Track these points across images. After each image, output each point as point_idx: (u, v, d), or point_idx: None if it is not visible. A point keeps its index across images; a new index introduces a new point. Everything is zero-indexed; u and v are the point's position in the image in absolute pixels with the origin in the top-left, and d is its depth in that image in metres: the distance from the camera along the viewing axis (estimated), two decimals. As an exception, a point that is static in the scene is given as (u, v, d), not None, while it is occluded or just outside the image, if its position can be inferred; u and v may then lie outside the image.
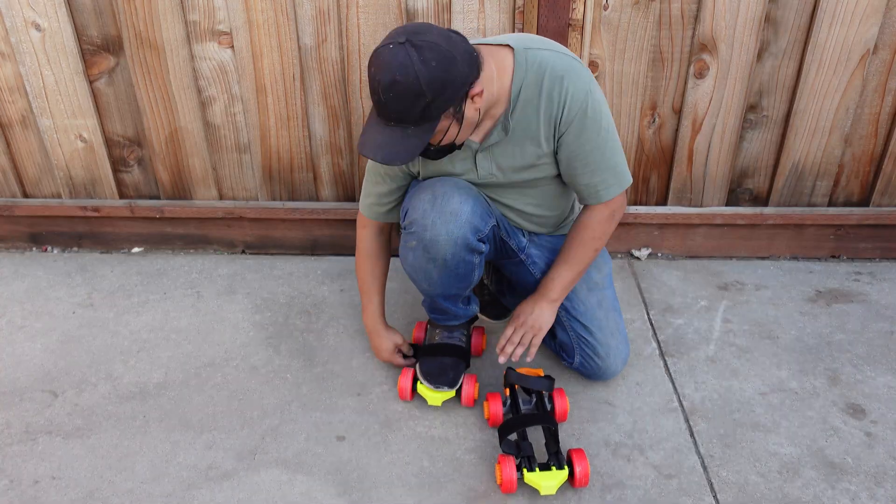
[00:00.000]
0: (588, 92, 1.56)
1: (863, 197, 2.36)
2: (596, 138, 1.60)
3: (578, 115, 1.56)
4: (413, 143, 1.44)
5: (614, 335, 1.85)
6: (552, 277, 1.77)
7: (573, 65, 1.57)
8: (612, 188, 1.67)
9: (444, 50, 1.39)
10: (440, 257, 1.64)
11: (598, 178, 1.65)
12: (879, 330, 2.12)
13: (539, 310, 1.78)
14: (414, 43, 1.38)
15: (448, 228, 1.61)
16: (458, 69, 1.41)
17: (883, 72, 2.14)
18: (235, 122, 2.29)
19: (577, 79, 1.56)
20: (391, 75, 1.37)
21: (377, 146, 1.46)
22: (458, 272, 1.69)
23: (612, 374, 1.88)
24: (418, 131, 1.44)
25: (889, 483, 1.65)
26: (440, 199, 1.62)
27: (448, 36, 1.42)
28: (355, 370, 1.99)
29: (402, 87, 1.37)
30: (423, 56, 1.37)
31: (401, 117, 1.42)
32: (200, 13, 2.12)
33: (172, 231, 2.51)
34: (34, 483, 1.68)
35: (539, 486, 1.57)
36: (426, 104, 1.39)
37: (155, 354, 2.06)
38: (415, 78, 1.36)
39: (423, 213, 1.62)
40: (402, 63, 1.37)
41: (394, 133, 1.44)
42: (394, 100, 1.39)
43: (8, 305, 2.28)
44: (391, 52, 1.38)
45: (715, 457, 1.72)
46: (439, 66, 1.38)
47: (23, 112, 2.32)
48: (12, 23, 2.15)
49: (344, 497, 1.63)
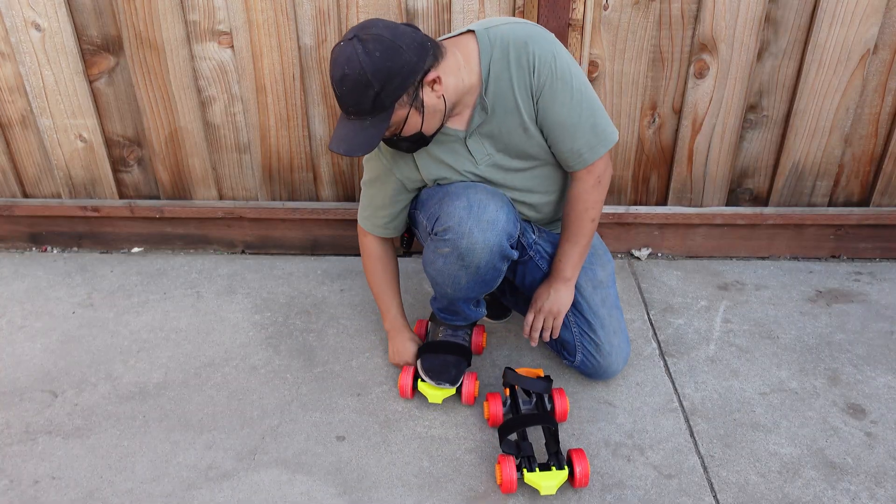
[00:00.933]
0: (554, 53, 1.58)
1: (863, 197, 2.36)
2: (570, 100, 1.61)
3: (549, 77, 1.59)
4: (370, 133, 1.51)
5: (617, 334, 1.86)
6: (560, 258, 1.80)
7: (535, 30, 1.61)
8: (596, 149, 1.67)
9: (388, 41, 1.46)
10: (474, 265, 1.64)
11: (580, 141, 1.66)
12: (879, 330, 2.12)
13: (556, 292, 1.81)
14: (360, 37, 1.46)
15: (486, 237, 1.61)
16: (404, 58, 1.46)
17: (883, 72, 2.14)
18: (235, 122, 2.29)
19: (541, 41, 1.59)
20: (340, 70, 1.46)
21: (340, 139, 1.53)
22: (486, 279, 1.70)
23: (613, 374, 1.88)
24: (375, 122, 1.51)
25: (889, 483, 1.65)
26: (476, 206, 1.61)
27: (395, 28, 1.49)
28: (355, 370, 1.99)
29: (351, 80, 1.45)
30: (367, 48, 1.45)
31: (356, 109, 1.50)
32: (200, 13, 2.12)
33: (172, 231, 2.51)
34: (34, 483, 1.68)
35: (539, 486, 1.57)
36: (375, 94, 1.46)
37: (155, 354, 2.06)
38: (360, 69, 1.44)
39: (459, 221, 1.61)
40: (349, 57, 1.45)
41: (354, 125, 1.52)
42: (347, 93, 1.47)
43: (8, 305, 2.28)
44: (341, 48, 1.47)
45: (715, 457, 1.72)
46: (383, 56, 1.45)
47: (23, 112, 2.32)
48: (12, 23, 2.15)
49: (344, 497, 1.63)
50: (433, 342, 1.90)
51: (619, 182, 2.34)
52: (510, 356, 2.03)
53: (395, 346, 1.94)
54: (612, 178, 2.32)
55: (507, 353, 2.05)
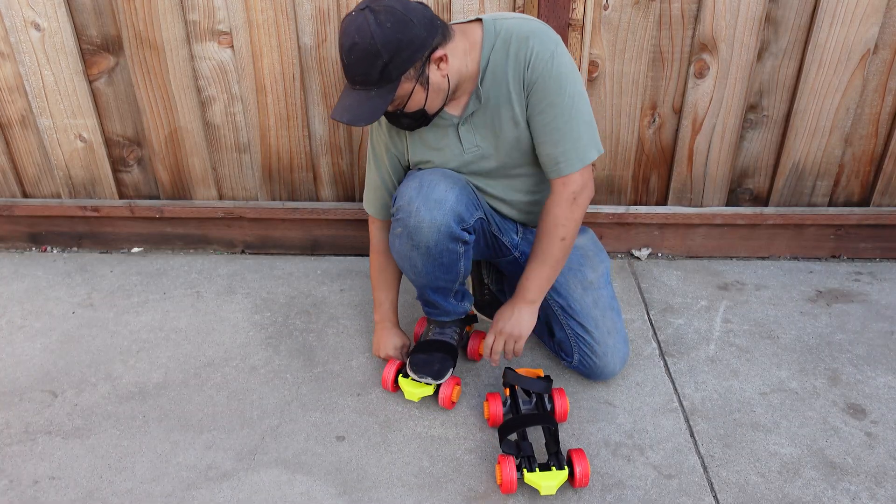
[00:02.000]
0: (553, 52, 1.58)
1: (863, 197, 2.36)
2: (560, 102, 1.60)
3: (543, 74, 1.58)
4: (375, 103, 1.51)
5: (612, 334, 1.85)
6: (527, 276, 1.73)
7: (540, 27, 1.60)
8: (572, 161, 1.63)
9: (400, 13, 1.46)
10: (423, 244, 1.66)
11: (560, 148, 1.63)
12: (879, 330, 2.12)
13: (517, 313, 1.75)
14: (372, 8, 1.46)
15: (432, 215, 1.63)
16: (414, 31, 1.47)
17: (883, 72, 2.14)
18: (235, 121, 2.29)
19: (544, 38, 1.58)
20: (350, 38, 1.46)
21: (343, 109, 1.53)
22: (441, 261, 1.71)
23: (611, 374, 1.88)
24: (381, 92, 1.50)
25: (889, 483, 1.65)
26: (426, 186, 1.65)
27: (406, 2, 1.49)
28: (355, 370, 1.99)
29: (360, 49, 1.45)
30: (379, 19, 1.44)
31: (363, 79, 1.49)
32: (200, 13, 2.12)
33: (172, 231, 2.51)
34: (34, 483, 1.68)
35: (539, 486, 1.57)
36: (384, 64, 1.46)
37: (155, 354, 2.06)
38: (370, 39, 1.44)
39: (408, 200, 1.65)
40: (359, 26, 1.45)
41: (359, 95, 1.51)
42: (355, 62, 1.47)
43: (8, 305, 2.28)
44: (352, 18, 1.47)
45: (715, 457, 1.72)
46: (394, 28, 1.45)
47: (22, 112, 2.32)
48: (12, 23, 2.15)
49: (344, 497, 1.63)
50: (422, 342, 1.92)
51: (619, 182, 2.34)
52: (510, 356, 2.03)
53: (378, 337, 1.96)
54: (613, 178, 2.32)
55: (507, 353, 2.05)
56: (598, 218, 2.37)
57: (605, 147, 2.27)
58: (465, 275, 1.81)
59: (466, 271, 1.80)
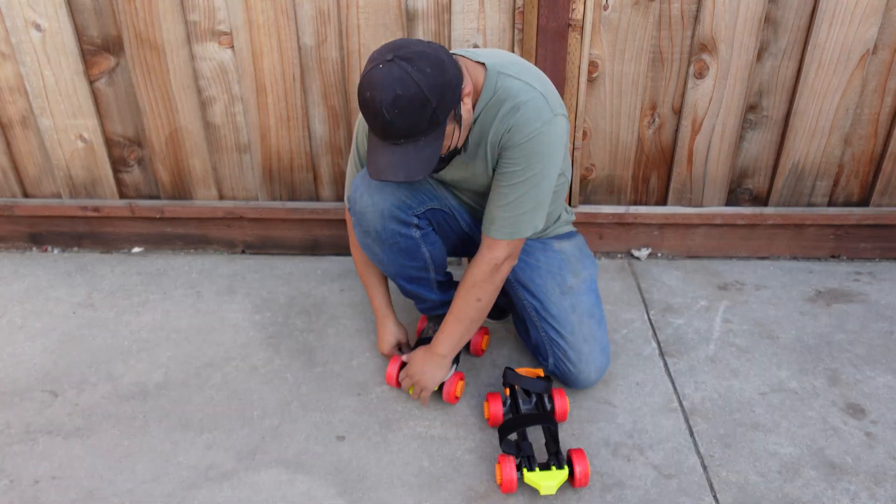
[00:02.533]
0: (537, 131, 1.55)
1: (863, 197, 2.37)
2: (521, 176, 1.59)
3: (516, 145, 1.56)
4: (428, 152, 1.44)
5: (588, 342, 1.83)
6: (441, 330, 1.78)
7: (536, 100, 1.55)
8: (505, 230, 1.64)
9: (432, 55, 1.41)
10: (372, 229, 1.71)
11: (501, 213, 1.63)
12: (879, 330, 2.12)
13: (430, 365, 1.78)
14: (402, 57, 1.39)
15: (374, 200, 1.67)
16: (451, 71, 1.44)
17: (883, 72, 2.14)
18: (235, 122, 2.29)
19: (534, 114, 1.54)
20: (392, 91, 1.37)
21: (394, 167, 1.44)
22: (399, 246, 1.74)
23: (587, 383, 1.85)
24: (430, 140, 1.44)
25: (889, 483, 1.65)
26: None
27: (428, 44, 1.45)
28: (355, 370, 2.00)
29: (406, 100, 1.38)
30: (417, 66, 1.38)
31: (410, 131, 1.42)
32: (200, 13, 2.12)
33: (172, 231, 2.51)
34: (34, 483, 1.68)
35: (539, 486, 1.57)
36: (433, 110, 1.40)
37: (155, 354, 2.06)
38: (416, 88, 1.37)
39: (355, 188, 1.72)
40: (399, 77, 1.37)
41: (406, 150, 1.44)
42: (400, 115, 1.39)
43: (8, 305, 2.28)
44: (383, 71, 1.38)
45: (715, 457, 1.72)
46: (434, 71, 1.40)
47: (23, 112, 2.32)
48: (13, 23, 2.16)
49: (344, 497, 1.63)
50: (421, 339, 1.95)
51: (618, 182, 2.34)
52: (510, 356, 2.03)
53: (379, 334, 1.97)
54: (612, 178, 2.32)
55: (507, 353, 2.05)
56: (598, 218, 2.37)
57: (606, 147, 2.27)
58: (437, 262, 1.83)
59: (436, 259, 1.82)
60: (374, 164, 1.47)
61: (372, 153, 1.48)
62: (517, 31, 2.10)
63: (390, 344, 1.94)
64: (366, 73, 1.41)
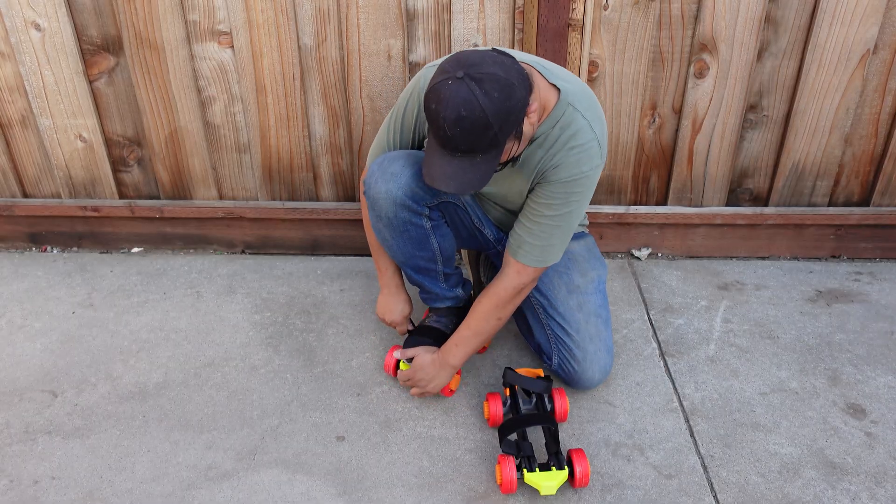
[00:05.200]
0: (582, 174, 1.59)
1: (863, 197, 2.36)
2: (556, 209, 1.63)
3: (558, 182, 1.60)
4: (483, 168, 1.47)
5: (593, 341, 1.83)
6: (456, 343, 1.79)
7: (593, 147, 1.59)
8: (530, 257, 1.68)
9: (503, 79, 1.40)
10: (384, 214, 1.73)
11: (530, 240, 1.67)
12: (879, 330, 2.12)
13: (437, 369, 1.81)
14: (472, 76, 1.39)
15: (388, 187, 1.69)
16: (518, 95, 1.43)
17: (883, 72, 2.14)
18: (235, 121, 2.29)
19: (585, 158, 1.58)
20: (456, 111, 1.38)
21: (448, 177, 1.47)
22: (409, 234, 1.76)
23: (591, 383, 1.85)
24: (487, 157, 1.46)
25: (889, 483, 1.65)
26: (386, 162, 1.72)
27: (501, 62, 1.43)
28: (355, 370, 1.99)
29: (469, 122, 1.39)
30: (485, 88, 1.38)
31: (469, 148, 1.43)
32: (200, 13, 2.12)
33: (172, 231, 2.51)
34: (34, 483, 1.68)
35: (539, 487, 1.57)
36: (494, 134, 1.41)
37: (155, 354, 2.06)
38: (481, 112, 1.38)
39: (370, 174, 1.73)
40: (466, 98, 1.38)
41: (462, 163, 1.46)
42: (461, 134, 1.40)
43: (8, 305, 2.28)
44: (452, 87, 1.39)
45: (715, 457, 1.72)
46: (501, 96, 1.39)
47: (23, 112, 2.32)
48: (12, 23, 2.15)
49: (344, 497, 1.63)
50: (418, 327, 1.96)
51: (619, 182, 2.34)
52: (510, 356, 2.03)
53: (383, 301, 1.96)
54: (613, 178, 2.32)
55: (507, 353, 2.05)
56: (598, 218, 2.37)
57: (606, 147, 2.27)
58: (446, 255, 1.84)
59: (445, 251, 1.83)
60: (429, 168, 1.49)
61: (429, 157, 1.50)
62: (517, 31, 2.10)
63: (402, 313, 1.94)
64: (434, 84, 1.42)
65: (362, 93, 2.21)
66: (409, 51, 2.14)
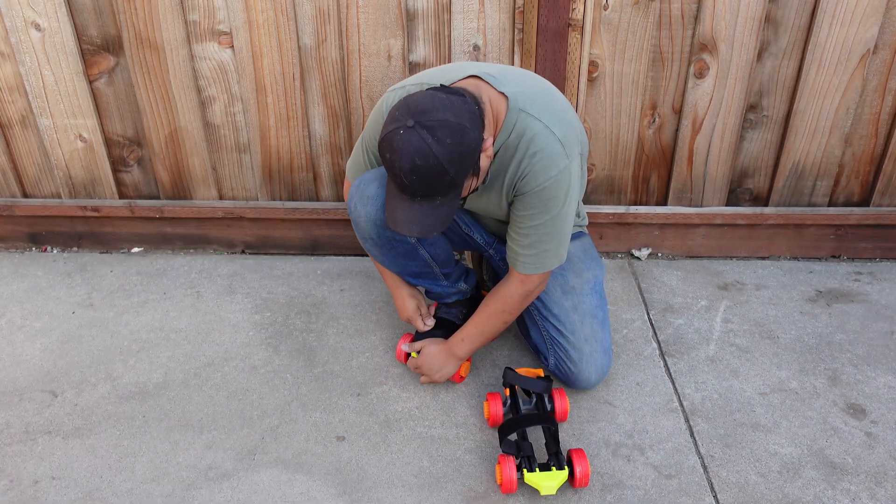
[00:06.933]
0: (552, 179, 1.56)
1: (863, 197, 2.36)
2: (539, 220, 1.62)
3: (531, 192, 1.58)
4: (444, 211, 1.47)
5: (589, 342, 1.83)
6: (463, 337, 1.84)
7: (554, 148, 1.55)
8: (529, 267, 1.69)
9: (454, 124, 1.39)
10: (367, 236, 1.77)
11: (523, 251, 1.67)
12: (879, 330, 2.12)
13: (448, 364, 1.85)
14: (423, 124, 1.38)
15: (367, 210, 1.72)
16: (471, 137, 1.42)
17: (883, 72, 2.14)
18: (235, 121, 2.29)
19: (549, 162, 1.55)
20: (410, 161, 1.38)
21: (410, 222, 1.47)
22: (397, 251, 1.79)
23: (587, 383, 1.85)
24: (446, 199, 1.47)
25: (889, 483, 1.65)
26: (363, 184, 1.74)
27: (451, 104, 1.42)
28: (355, 370, 1.99)
29: (425, 170, 1.39)
30: (437, 136, 1.38)
31: (427, 193, 1.44)
32: (200, 13, 2.12)
33: (172, 231, 2.51)
34: (34, 483, 1.68)
35: (539, 487, 1.57)
36: (450, 178, 1.41)
37: (155, 354, 2.06)
38: (435, 160, 1.38)
39: (350, 197, 1.76)
40: (419, 147, 1.37)
41: (422, 207, 1.46)
42: (418, 182, 1.41)
43: (8, 305, 2.28)
44: (404, 137, 1.39)
45: (715, 457, 1.72)
46: (454, 141, 1.39)
47: (22, 112, 2.32)
48: (12, 23, 2.15)
49: (344, 497, 1.63)
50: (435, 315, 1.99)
51: (619, 182, 2.34)
52: (510, 356, 2.03)
53: (396, 302, 1.98)
54: (613, 178, 2.32)
55: (507, 353, 2.05)
56: (598, 218, 2.37)
57: (606, 147, 2.27)
58: (439, 259, 1.85)
59: (438, 256, 1.84)
60: (391, 213, 1.50)
61: (389, 201, 1.51)
62: (517, 31, 2.10)
63: (411, 308, 1.94)
64: (386, 133, 1.42)
65: (362, 93, 2.21)
66: (409, 51, 2.14)
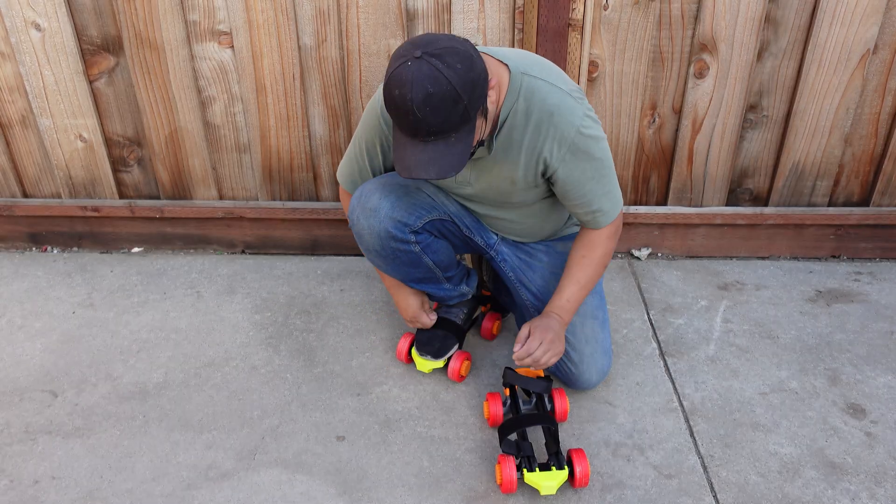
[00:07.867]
0: (577, 129, 1.55)
1: (863, 197, 2.36)
2: (589, 171, 1.61)
3: (568, 153, 1.57)
4: (460, 149, 1.43)
5: (589, 342, 1.83)
6: (567, 298, 1.73)
7: (565, 100, 1.55)
8: (610, 214, 1.69)
9: (462, 51, 1.38)
10: (371, 248, 1.77)
11: (596, 206, 1.66)
12: (879, 330, 2.12)
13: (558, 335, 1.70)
14: (432, 53, 1.36)
15: (370, 223, 1.72)
16: (479, 65, 1.41)
17: (883, 72, 2.14)
18: (235, 121, 2.29)
19: (568, 115, 1.55)
20: (423, 90, 1.34)
21: (425, 164, 1.42)
22: (401, 260, 1.77)
23: (588, 384, 1.85)
24: (461, 136, 1.42)
25: (889, 483, 1.65)
26: (364, 196, 1.73)
27: (453, 38, 1.42)
28: (355, 370, 1.99)
29: (439, 98, 1.35)
30: (447, 62, 1.35)
31: (441, 128, 1.39)
32: (200, 13, 2.12)
33: (172, 231, 2.51)
34: (34, 483, 1.68)
35: (539, 487, 1.57)
36: (464, 107, 1.38)
37: (155, 354, 2.06)
38: (448, 85, 1.35)
39: (352, 209, 1.75)
40: (430, 74, 1.34)
41: (437, 147, 1.41)
42: (432, 113, 1.36)
43: (8, 305, 2.28)
44: (413, 68, 1.35)
45: (715, 457, 1.72)
46: (464, 67, 1.37)
47: (23, 112, 2.32)
48: (12, 23, 2.15)
49: (344, 497, 1.63)
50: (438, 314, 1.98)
51: (619, 182, 2.33)
52: (510, 356, 2.03)
53: (397, 301, 1.96)
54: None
55: (507, 353, 2.05)
56: (598, 218, 2.36)
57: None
58: (443, 266, 1.83)
59: (441, 262, 1.83)
60: (404, 161, 1.44)
61: (400, 151, 1.45)
62: (517, 31, 2.10)
63: (415, 305, 1.92)
64: (393, 70, 1.38)
65: (362, 93, 2.21)
66: (409, 51, 2.14)
